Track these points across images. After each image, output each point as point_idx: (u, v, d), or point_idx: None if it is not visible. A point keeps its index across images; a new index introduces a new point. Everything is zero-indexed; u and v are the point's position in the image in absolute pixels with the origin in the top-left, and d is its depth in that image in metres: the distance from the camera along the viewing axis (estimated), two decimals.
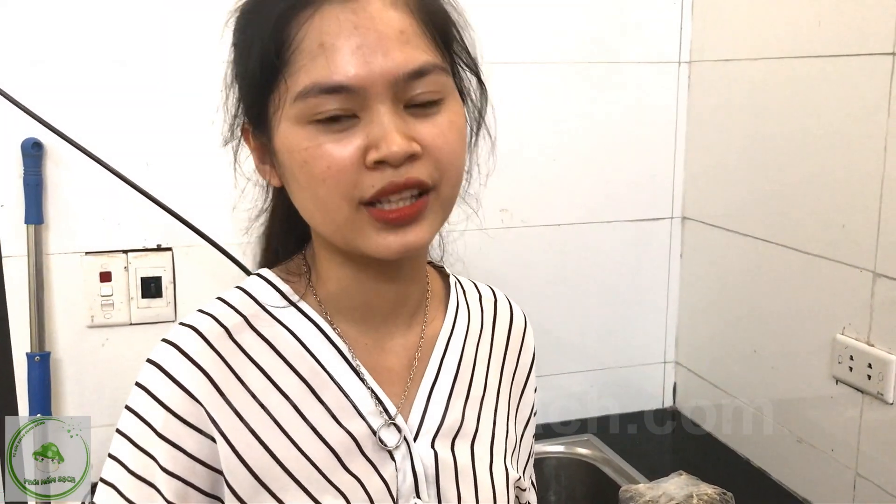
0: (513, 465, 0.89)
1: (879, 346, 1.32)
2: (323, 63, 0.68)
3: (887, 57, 1.26)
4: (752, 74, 1.58)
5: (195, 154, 1.48)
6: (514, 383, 0.93)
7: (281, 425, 0.75)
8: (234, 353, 0.76)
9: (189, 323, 0.77)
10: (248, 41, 0.73)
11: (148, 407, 0.74)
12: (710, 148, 1.74)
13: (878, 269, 1.31)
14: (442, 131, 0.72)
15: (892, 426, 1.31)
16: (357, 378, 0.79)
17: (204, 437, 0.74)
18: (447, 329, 0.86)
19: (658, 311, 1.87)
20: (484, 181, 0.86)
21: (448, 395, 0.83)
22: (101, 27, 1.43)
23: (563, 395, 1.81)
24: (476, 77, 0.81)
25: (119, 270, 1.50)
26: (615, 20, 1.71)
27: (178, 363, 0.74)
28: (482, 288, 0.95)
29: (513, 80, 1.67)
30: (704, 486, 1.25)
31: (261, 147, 0.78)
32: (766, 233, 1.57)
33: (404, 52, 0.70)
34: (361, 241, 0.72)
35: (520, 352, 0.94)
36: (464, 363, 0.86)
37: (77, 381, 1.51)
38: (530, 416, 0.96)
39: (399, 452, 0.79)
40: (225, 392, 0.75)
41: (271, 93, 0.72)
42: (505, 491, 0.84)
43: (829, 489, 1.45)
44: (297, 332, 0.79)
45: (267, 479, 0.74)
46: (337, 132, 0.69)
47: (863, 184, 1.33)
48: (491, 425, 0.87)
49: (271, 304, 0.80)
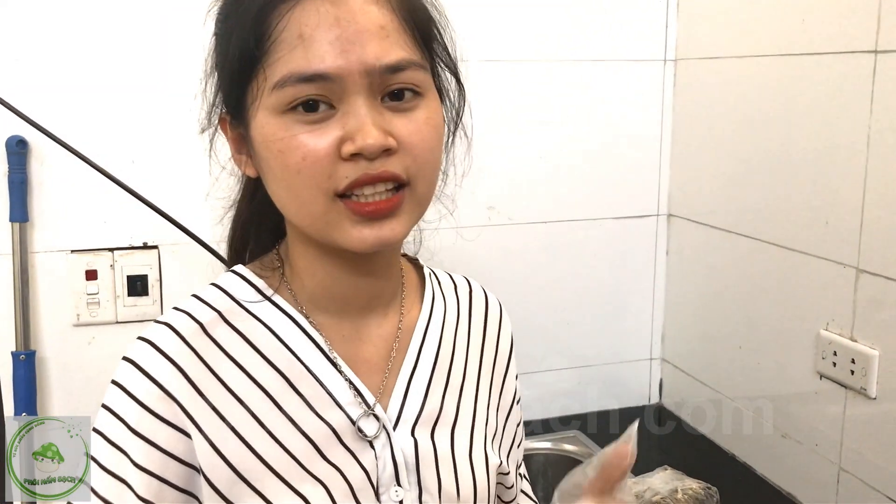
0: (494, 451, 0.89)
1: (862, 342, 1.33)
2: (301, 53, 0.69)
3: (869, 55, 1.28)
4: (738, 72, 1.59)
5: (181, 152, 1.47)
6: (495, 371, 0.94)
7: (258, 417, 0.76)
8: (209, 348, 0.77)
9: (164, 321, 0.78)
10: (228, 31, 0.74)
11: (122, 403, 0.74)
12: (696, 146, 1.75)
13: (861, 266, 1.32)
14: (418, 127, 0.73)
15: (875, 421, 1.32)
16: (334, 369, 0.79)
17: (179, 433, 0.74)
18: (424, 319, 0.87)
19: (644, 308, 1.88)
20: (459, 182, 0.87)
21: (427, 384, 0.84)
22: (86, 25, 1.42)
23: (550, 391, 1.82)
24: (455, 77, 0.82)
25: (105, 268, 1.50)
26: (601, 18, 1.72)
27: (153, 360, 0.75)
28: (457, 278, 0.96)
29: (500, 78, 1.67)
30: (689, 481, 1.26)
31: (238, 137, 0.78)
32: (752, 230, 1.58)
33: (383, 46, 0.70)
34: (337, 233, 0.73)
35: (497, 339, 0.95)
36: (442, 352, 0.87)
37: (63, 380, 1.50)
38: (513, 403, 0.96)
39: (379, 441, 0.79)
40: (200, 387, 0.75)
41: (249, 83, 0.72)
42: (485, 477, 0.85)
43: (813, 484, 1.46)
44: (273, 326, 0.79)
45: (245, 471, 0.74)
46: (313, 123, 0.70)
47: (846, 181, 1.34)
48: (471, 413, 0.88)
49: (245, 298, 0.80)
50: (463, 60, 0.83)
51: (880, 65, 1.26)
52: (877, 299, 1.30)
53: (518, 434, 0.98)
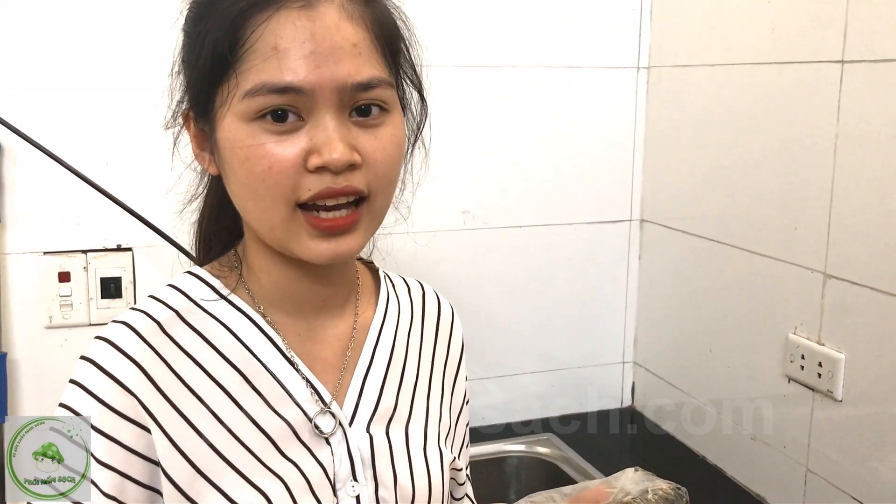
0: (447, 447, 0.92)
1: (829, 345, 1.36)
2: (275, 64, 0.70)
3: (836, 65, 1.30)
4: (709, 80, 1.62)
5: (156, 154, 1.46)
6: (447, 371, 0.96)
7: (215, 413, 0.77)
8: (166, 345, 0.78)
9: (121, 319, 0.79)
10: (201, 32, 0.74)
11: (82, 401, 0.75)
12: (668, 152, 1.77)
13: (829, 271, 1.35)
14: (383, 145, 0.75)
15: (841, 423, 1.34)
16: (291, 367, 0.81)
17: (140, 429, 0.75)
18: (378, 319, 0.90)
19: (617, 312, 1.90)
20: (414, 189, 0.89)
21: (382, 381, 0.87)
22: (59, 25, 1.41)
23: (523, 394, 1.83)
24: (418, 93, 0.84)
25: (78, 270, 1.49)
26: (576, 25, 1.74)
27: (111, 357, 0.76)
28: (410, 282, 0.99)
29: (475, 84, 1.68)
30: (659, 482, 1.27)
31: (200, 134, 0.79)
32: (723, 235, 1.61)
33: (355, 63, 0.72)
34: (294, 243, 0.75)
35: (449, 341, 0.98)
36: (396, 351, 0.90)
37: (35, 382, 1.49)
38: (463, 404, 0.99)
39: (335, 438, 0.81)
40: (159, 383, 0.76)
41: (219, 86, 0.73)
42: (439, 471, 0.88)
43: (781, 485, 1.48)
44: (229, 324, 0.81)
45: (203, 466, 0.76)
46: (281, 133, 0.71)
47: (814, 187, 1.36)
48: (424, 409, 0.90)
49: (202, 298, 0.82)
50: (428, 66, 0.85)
51: (846, 74, 1.29)
52: (843, 303, 1.33)
53: (466, 436, 1.01)
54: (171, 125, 0.83)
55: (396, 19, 0.80)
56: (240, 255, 0.85)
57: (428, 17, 0.83)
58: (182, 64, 0.79)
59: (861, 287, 1.29)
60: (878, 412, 1.28)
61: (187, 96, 0.79)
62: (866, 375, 1.29)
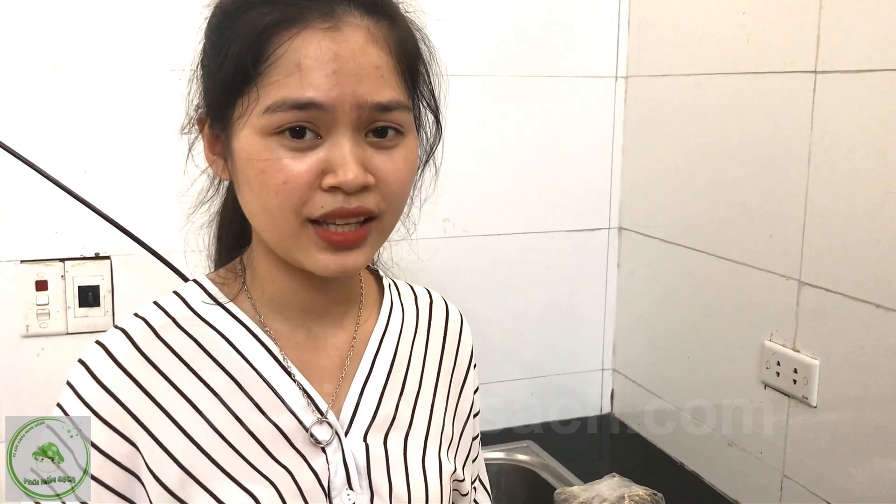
0: (449, 459, 0.91)
1: (804, 352, 1.37)
2: (297, 81, 0.71)
3: (810, 75, 1.32)
4: (686, 89, 1.63)
5: (134, 161, 1.47)
6: (453, 381, 0.95)
7: (207, 418, 0.78)
8: (161, 351, 0.79)
9: (121, 326, 0.80)
10: (225, 41, 0.74)
11: (71, 403, 0.76)
12: (646, 161, 1.79)
13: (804, 278, 1.36)
14: (396, 167, 0.76)
15: (816, 429, 1.36)
16: (286, 375, 0.81)
17: (122, 439, 0.76)
18: (380, 328, 0.90)
19: (596, 320, 1.91)
20: (420, 205, 0.90)
21: (381, 391, 0.86)
22: (37, 32, 1.41)
23: (503, 402, 1.84)
24: (435, 117, 0.86)
25: (56, 279, 1.48)
26: (555, 35, 1.75)
27: (103, 364, 0.77)
28: (418, 290, 0.99)
29: (454, 92, 1.68)
30: (636, 488, 1.29)
31: (213, 138, 0.79)
32: (700, 243, 1.62)
33: (376, 84, 0.73)
34: (302, 255, 0.76)
35: (457, 350, 0.97)
36: (398, 359, 0.89)
37: (11, 391, 1.48)
38: (470, 415, 0.98)
39: (331, 447, 0.81)
40: (150, 391, 0.77)
41: (240, 97, 0.73)
42: (438, 482, 0.87)
43: (757, 491, 1.50)
44: (225, 332, 0.82)
45: (194, 469, 0.76)
46: (298, 150, 0.72)
47: (788, 196, 1.38)
48: (427, 419, 0.89)
49: (199, 305, 0.83)
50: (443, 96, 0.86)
51: (819, 84, 1.31)
52: (818, 310, 1.34)
53: (474, 448, 1.00)
54: (186, 129, 0.83)
55: (419, 42, 0.81)
56: (244, 262, 0.86)
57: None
58: (202, 69, 0.79)
59: (835, 294, 1.30)
60: (852, 418, 1.29)
61: (204, 102, 0.79)
62: (840, 381, 1.31)
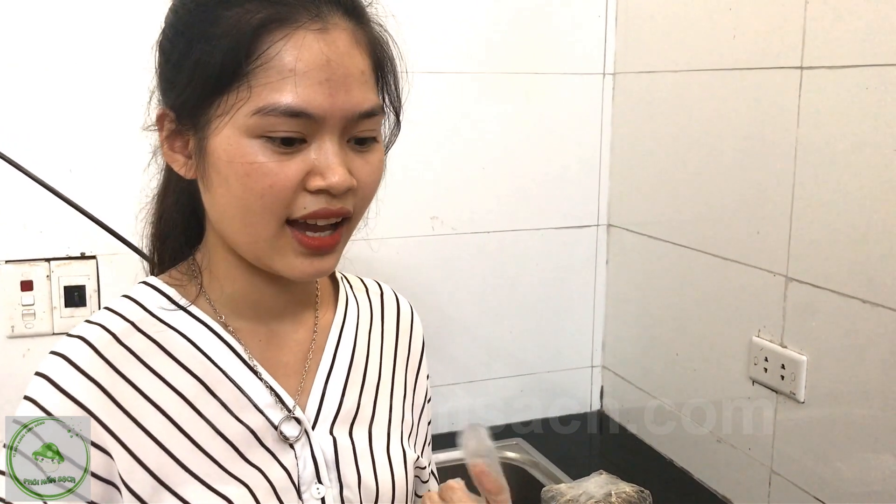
0: (411, 446, 0.93)
1: (792, 348, 1.37)
2: (291, 87, 0.70)
3: (795, 70, 1.32)
4: (673, 86, 1.64)
5: (119, 161, 1.46)
6: (408, 370, 0.97)
7: (175, 422, 0.77)
8: (123, 357, 0.78)
9: (76, 333, 0.78)
10: (203, 36, 0.72)
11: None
12: (634, 157, 1.79)
13: (791, 274, 1.37)
14: (373, 169, 0.77)
15: (804, 425, 1.36)
16: (252, 373, 0.81)
17: (94, 449, 0.74)
18: (338, 322, 0.90)
19: (585, 317, 1.91)
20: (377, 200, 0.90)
21: (344, 384, 0.87)
22: (21, 30, 1.40)
23: (492, 399, 1.84)
24: (395, 115, 0.85)
25: (41, 279, 1.47)
26: (543, 33, 1.75)
27: (67, 374, 0.75)
28: (368, 282, 0.99)
29: (442, 90, 1.69)
30: (623, 485, 1.29)
31: (176, 135, 0.77)
32: (687, 239, 1.62)
33: (362, 91, 0.74)
34: (278, 259, 0.76)
35: (410, 340, 0.99)
36: (357, 352, 0.90)
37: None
38: (425, 403, 1.00)
39: (299, 442, 0.82)
40: (116, 398, 0.76)
41: (222, 95, 0.72)
42: (403, 470, 0.88)
43: (746, 487, 1.50)
44: (188, 334, 0.81)
45: (165, 476, 0.75)
46: (283, 154, 0.72)
47: (775, 192, 1.38)
48: (387, 410, 0.91)
49: (158, 308, 0.82)
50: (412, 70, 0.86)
51: (805, 80, 1.31)
52: (805, 306, 1.35)
53: (429, 434, 1.02)
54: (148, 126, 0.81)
55: (390, 49, 0.81)
56: (199, 262, 0.85)
57: (394, 23, 0.83)
58: (166, 63, 0.76)
59: (822, 290, 1.31)
60: (839, 413, 1.30)
61: (168, 96, 0.77)
62: (828, 377, 1.31)
